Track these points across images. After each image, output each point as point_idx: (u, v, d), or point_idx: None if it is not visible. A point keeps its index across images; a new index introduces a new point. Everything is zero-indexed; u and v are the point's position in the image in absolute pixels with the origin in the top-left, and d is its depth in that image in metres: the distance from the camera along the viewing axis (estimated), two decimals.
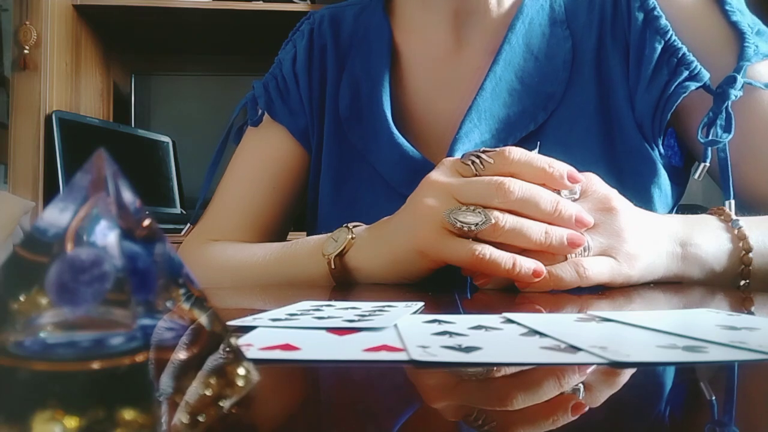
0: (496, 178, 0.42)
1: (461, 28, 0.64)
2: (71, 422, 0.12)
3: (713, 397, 0.18)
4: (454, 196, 0.44)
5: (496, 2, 0.63)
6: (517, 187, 0.42)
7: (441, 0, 0.63)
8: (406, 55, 0.67)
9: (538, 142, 0.49)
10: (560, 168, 0.43)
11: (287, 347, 0.22)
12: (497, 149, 0.44)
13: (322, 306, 0.32)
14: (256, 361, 0.19)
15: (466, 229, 0.42)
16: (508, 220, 0.42)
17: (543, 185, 0.43)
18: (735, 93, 0.54)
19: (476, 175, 0.44)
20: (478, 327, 0.26)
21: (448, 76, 0.65)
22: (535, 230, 0.42)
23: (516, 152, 0.44)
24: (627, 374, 0.19)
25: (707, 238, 0.47)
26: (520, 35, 0.61)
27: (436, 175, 0.46)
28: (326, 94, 0.69)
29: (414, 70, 0.67)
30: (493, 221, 0.41)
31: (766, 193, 0.57)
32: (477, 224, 0.42)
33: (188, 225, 0.74)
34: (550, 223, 0.42)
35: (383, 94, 0.63)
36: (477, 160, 0.44)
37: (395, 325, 0.26)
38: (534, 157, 0.44)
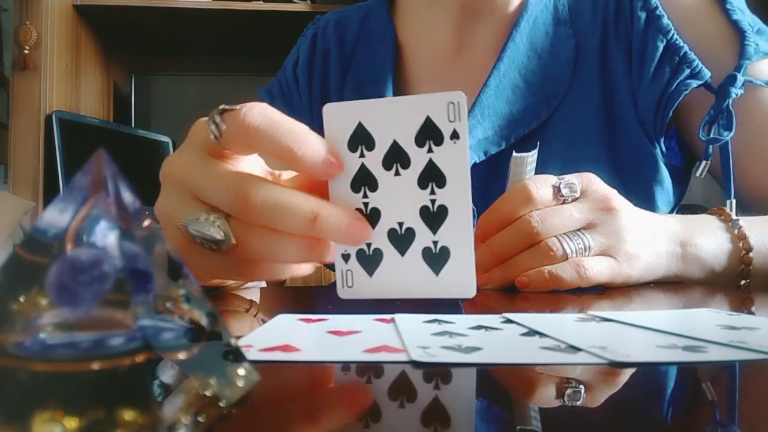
0: (236, 183, 0.33)
1: (466, 28, 0.65)
2: (71, 423, 0.12)
3: (713, 397, 0.18)
4: (194, 195, 0.34)
5: (502, 1, 0.63)
6: (261, 197, 0.32)
7: (448, 0, 0.64)
8: (410, 56, 0.68)
9: (537, 143, 0.49)
10: (314, 152, 0.32)
11: (287, 348, 0.22)
12: (235, 108, 0.33)
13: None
14: (256, 362, 0.19)
15: (207, 247, 0.34)
16: (250, 239, 0.33)
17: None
18: (736, 91, 0.54)
19: (218, 142, 0.33)
20: (478, 327, 0.26)
21: (452, 75, 0.65)
22: (289, 247, 0.33)
23: (253, 116, 0.32)
24: (627, 374, 0.19)
25: (707, 238, 0.48)
26: (525, 34, 0.62)
27: (175, 157, 0.36)
28: (329, 96, 0.69)
29: (418, 69, 0.67)
30: (233, 241, 0.33)
31: (766, 189, 0.57)
32: (218, 243, 0.33)
33: None
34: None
35: (387, 94, 0.64)
36: (213, 124, 0.33)
37: (395, 325, 0.26)
38: (282, 126, 0.32)
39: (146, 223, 0.16)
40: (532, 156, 0.45)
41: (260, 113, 0.32)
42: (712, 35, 0.58)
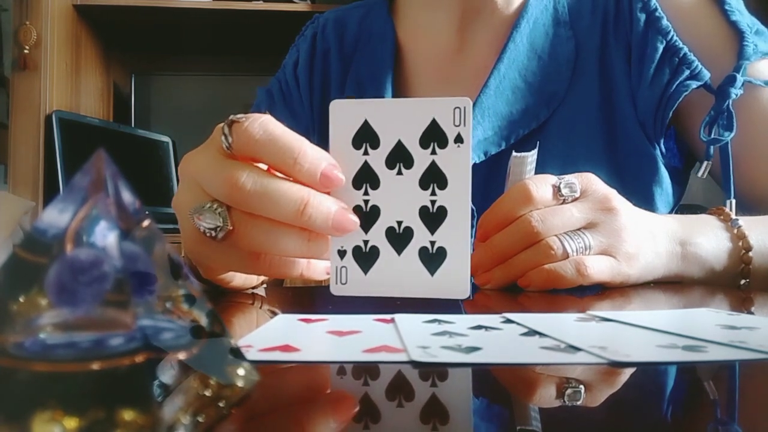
0: (228, 170, 0.34)
1: (467, 28, 0.65)
2: (71, 423, 0.12)
3: (713, 397, 0.18)
4: (201, 187, 0.36)
5: (503, 2, 0.64)
6: (250, 182, 0.33)
7: (449, 0, 0.64)
8: (410, 56, 0.68)
9: (537, 143, 0.49)
10: (312, 165, 0.33)
11: (287, 348, 0.22)
12: (241, 119, 0.34)
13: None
14: (256, 362, 0.19)
15: (207, 234, 0.35)
16: (248, 228, 0.34)
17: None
18: (735, 91, 0.54)
19: (230, 152, 0.35)
20: (478, 327, 0.26)
21: (452, 75, 0.65)
22: (285, 238, 0.34)
23: (256, 128, 0.33)
24: (627, 374, 0.19)
25: (707, 238, 0.48)
26: (525, 35, 0.62)
27: (193, 154, 0.37)
28: (330, 96, 0.69)
29: (418, 70, 0.67)
30: (229, 227, 0.34)
31: (766, 189, 0.58)
32: (215, 229, 0.35)
33: None
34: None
35: (386, 95, 0.64)
36: (223, 134, 0.34)
37: (395, 325, 0.26)
38: (279, 140, 0.33)
39: (146, 223, 0.16)
40: (531, 156, 0.45)
41: (260, 127, 0.34)
42: (711, 36, 0.58)
